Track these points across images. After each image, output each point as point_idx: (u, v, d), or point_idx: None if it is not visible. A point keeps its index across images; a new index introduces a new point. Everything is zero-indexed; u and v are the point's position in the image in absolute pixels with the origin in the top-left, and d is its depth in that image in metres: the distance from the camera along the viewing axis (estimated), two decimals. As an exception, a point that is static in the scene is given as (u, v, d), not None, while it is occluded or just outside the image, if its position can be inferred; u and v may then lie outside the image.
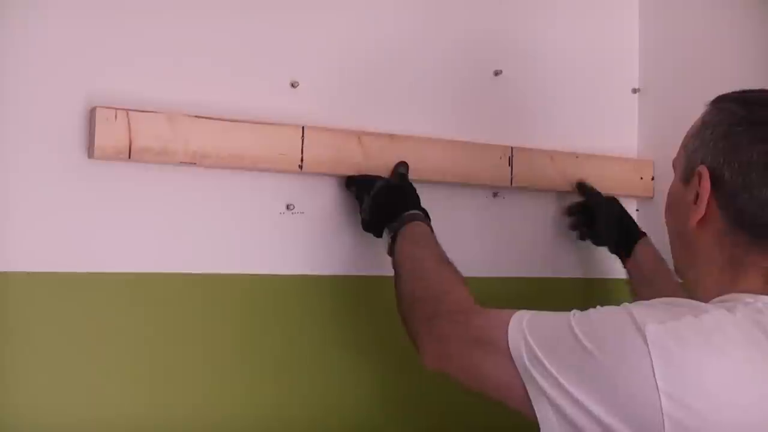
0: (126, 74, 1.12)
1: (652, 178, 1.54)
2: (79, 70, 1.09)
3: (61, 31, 1.08)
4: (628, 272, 1.38)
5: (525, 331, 0.88)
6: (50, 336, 1.07)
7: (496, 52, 1.43)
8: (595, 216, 1.43)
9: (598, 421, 0.81)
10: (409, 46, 1.34)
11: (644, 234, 1.39)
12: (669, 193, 1.00)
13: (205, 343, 1.17)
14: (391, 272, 1.14)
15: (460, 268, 1.08)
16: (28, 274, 1.06)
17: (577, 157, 1.46)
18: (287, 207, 1.23)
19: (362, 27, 1.31)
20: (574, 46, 1.51)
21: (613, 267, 1.45)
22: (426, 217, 1.18)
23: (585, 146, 1.46)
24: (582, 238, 1.48)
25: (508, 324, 0.89)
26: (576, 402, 0.82)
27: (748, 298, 0.87)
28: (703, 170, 0.91)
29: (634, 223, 1.43)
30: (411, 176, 1.26)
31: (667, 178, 1.01)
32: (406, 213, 1.17)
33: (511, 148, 1.38)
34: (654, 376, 0.78)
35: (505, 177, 1.37)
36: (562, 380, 0.83)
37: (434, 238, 1.14)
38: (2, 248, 1.05)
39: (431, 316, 1.01)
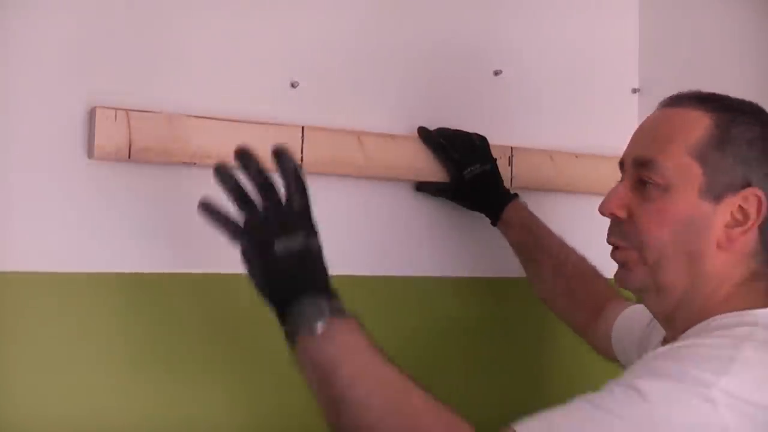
0: (126, 74, 1.12)
1: (652, 178, 1.53)
2: (79, 70, 1.09)
3: (61, 31, 1.08)
4: (505, 234, 1.29)
5: None
6: (50, 336, 1.07)
7: (496, 52, 1.43)
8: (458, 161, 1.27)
9: None
10: (409, 46, 1.34)
11: (515, 195, 1.30)
12: (667, 210, 0.90)
13: (205, 344, 1.17)
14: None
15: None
16: (28, 274, 1.05)
17: (577, 157, 1.46)
18: (287, 207, 1.23)
19: (362, 27, 1.31)
20: (574, 46, 1.51)
21: (611, 268, 1.44)
22: (338, 298, 0.90)
23: (585, 146, 1.46)
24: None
25: None
26: None
27: (760, 318, 0.85)
28: (761, 195, 0.87)
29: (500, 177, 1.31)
30: (413, 177, 1.26)
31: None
32: (324, 302, 0.88)
33: (511, 148, 1.38)
34: None
35: (505, 177, 1.36)
36: None
37: (373, 342, 0.88)
38: (2, 248, 1.05)
39: None
